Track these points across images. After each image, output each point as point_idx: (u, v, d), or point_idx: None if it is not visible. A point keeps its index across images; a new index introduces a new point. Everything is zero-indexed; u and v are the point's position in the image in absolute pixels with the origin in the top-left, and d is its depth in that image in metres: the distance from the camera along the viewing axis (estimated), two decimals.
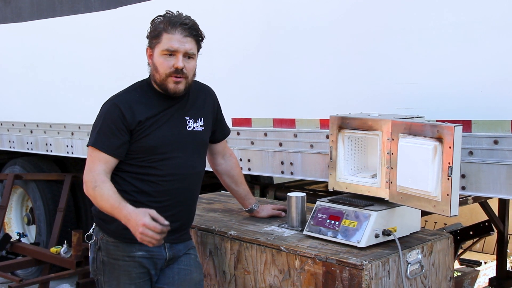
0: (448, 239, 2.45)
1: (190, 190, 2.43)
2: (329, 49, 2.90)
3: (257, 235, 2.51)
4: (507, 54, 2.32)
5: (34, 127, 4.94)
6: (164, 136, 2.33)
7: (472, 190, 2.43)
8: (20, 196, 5.79)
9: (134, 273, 2.34)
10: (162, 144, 2.32)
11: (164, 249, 2.40)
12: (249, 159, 3.34)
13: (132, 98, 2.33)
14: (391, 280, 2.19)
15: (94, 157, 2.29)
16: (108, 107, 2.33)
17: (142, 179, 2.32)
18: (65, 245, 4.72)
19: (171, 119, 2.36)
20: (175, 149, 2.35)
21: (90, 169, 2.27)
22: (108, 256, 2.35)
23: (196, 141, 2.43)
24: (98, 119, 2.34)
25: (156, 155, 2.32)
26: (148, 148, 2.31)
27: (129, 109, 2.29)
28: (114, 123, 2.28)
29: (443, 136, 2.07)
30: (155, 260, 2.39)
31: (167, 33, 2.26)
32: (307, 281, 2.27)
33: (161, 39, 2.27)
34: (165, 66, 2.27)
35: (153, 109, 2.33)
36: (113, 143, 2.28)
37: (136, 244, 2.30)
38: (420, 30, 2.55)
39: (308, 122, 3.03)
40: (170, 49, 2.26)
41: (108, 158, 2.28)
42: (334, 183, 2.52)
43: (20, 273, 5.32)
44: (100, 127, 2.31)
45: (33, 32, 4.76)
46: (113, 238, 2.34)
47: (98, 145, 2.28)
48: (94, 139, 2.31)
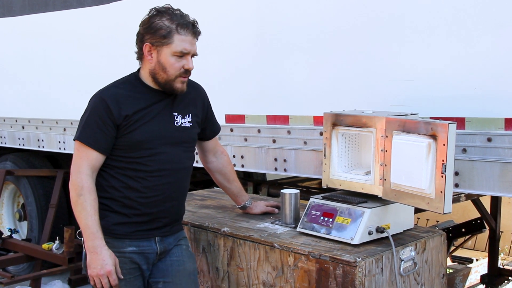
0: (441, 236, 2.45)
1: (179, 185, 2.43)
2: (323, 46, 2.90)
3: (250, 232, 2.50)
4: (501, 52, 2.33)
5: (26, 122, 4.91)
6: (152, 131, 2.32)
7: (466, 188, 2.44)
8: (11, 192, 5.75)
9: (124, 269, 2.33)
10: (149, 139, 2.31)
11: (155, 242, 2.40)
12: (243, 156, 3.34)
13: (119, 92, 2.32)
14: (384, 277, 2.19)
15: (82, 152, 2.28)
16: (95, 101, 2.31)
17: (130, 175, 2.32)
18: (57, 241, 4.70)
19: (159, 114, 2.35)
20: (163, 144, 2.35)
21: (78, 168, 2.26)
22: None
23: (184, 136, 2.42)
24: (85, 113, 2.33)
25: (144, 150, 2.31)
26: (135, 143, 2.30)
27: (116, 103, 2.27)
28: (101, 118, 2.27)
29: (437, 134, 2.07)
30: (146, 255, 2.38)
31: (179, 34, 2.25)
32: (301, 278, 2.27)
33: (172, 40, 2.25)
34: (176, 67, 2.28)
35: (141, 103, 2.32)
36: (99, 138, 2.27)
37: (126, 239, 2.33)
38: (415, 27, 2.55)
39: (301, 119, 3.03)
40: (184, 52, 2.27)
41: (94, 155, 2.27)
42: (327, 180, 2.51)
43: (12, 269, 5.30)
44: (86, 121, 2.30)
45: (25, 27, 4.72)
46: (103, 234, 2.32)
47: (84, 140, 2.28)
48: (80, 133, 2.30)
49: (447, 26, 2.45)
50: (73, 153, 2.32)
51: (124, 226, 2.34)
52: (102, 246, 2.23)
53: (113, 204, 2.33)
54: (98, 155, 2.28)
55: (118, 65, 3.90)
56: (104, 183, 2.32)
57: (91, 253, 2.23)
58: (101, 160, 2.30)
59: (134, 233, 2.35)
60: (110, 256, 2.24)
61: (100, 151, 2.28)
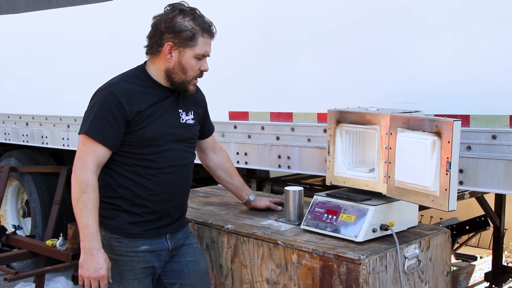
0: (445, 234, 2.44)
1: (185, 181, 2.44)
2: (327, 43, 2.89)
3: (254, 229, 2.50)
4: (506, 49, 2.31)
5: (29, 119, 4.91)
6: (161, 127, 2.31)
7: (470, 185, 2.43)
8: (15, 188, 5.76)
9: (138, 269, 2.33)
10: (159, 136, 2.30)
11: (166, 240, 2.40)
12: (246, 153, 3.33)
13: (129, 87, 2.27)
14: (388, 275, 2.18)
15: (88, 147, 2.23)
16: (105, 95, 2.25)
17: (140, 173, 2.29)
18: (60, 238, 4.70)
19: (166, 111, 2.34)
20: (170, 140, 2.34)
21: (84, 164, 2.21)
22: (111, 252, 2.31)
23: (188, 133, 2.43)
24: (92, 107, 2.27)
25: (154, 147, 2.30)
26: (146, 140, 2.28)
27: (127, 99, 2.23)
28: (111, 113, 2.22)
29: (442, 131, 2.06)
30: (159, 253, 2.38)
31: (203, 37, 2.27)
32: (304, 275, 2.27)
33: (197, 42, 2.26)
34: (195, 69, 2.30)
35: (151, 99, 2.30)
36: (108, 134, 2.22)
37: (139, 238, 2.32)
38: (419, 24, 2.54)
39: (305, 116, 3.02)
40: (205, 54, 2.31)
41: (102, 150, 2.23)
42: (331, 177, 2.51)
43: (16, 266, 5.31)
44: (94, 115, 2.23)
45: (29, 24, 4.72)
46: (117, 234, 2.32)
47: (92, 134, 2.22)
48: (87, 127, 2.23)
49: (452, 23, 2.44)
50: (77, 148, 2.28)
51: (136, 225, 2.32)
52: (98, 248, 2.18)
53: (124, 204, 2.31)
54: (106, 151, 2.25)
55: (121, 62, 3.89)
56: (113, 182, 2.30)
57: (86, 254, 2.18)
58: (107, 156, 2.26)
59: (146, 232, 2.34)
60: (105, 260, 2.19)
61: (108, 147, 2.24)
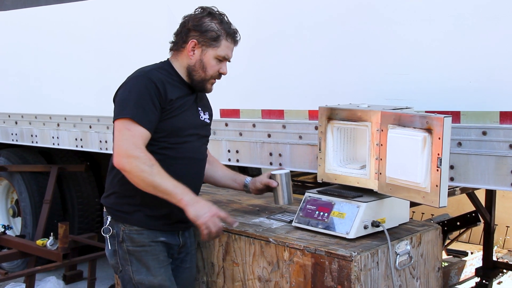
0: (436, 230, 2.45)
1: (199, 176, 2.51)
2: (318, 39, 2.88)
3: (245, 227, 2.50)
4: (496, 45, 2.32)
5: (19, 118, 4.88)
6: (188, 119, 2.39)
7: (461, 181, 2.43)
8: (5, 188, 5.72)
9: (162, 256, 2.39)
10: (186, 127, 2.37)
11: (178, 236, 2.46)
12: (237, 151, 3.33)
13: (162, 77, 2.33)
14: (380, 271, 2.19)
15: (135, 131, 2.20)
16: (143, 80, 2.27)
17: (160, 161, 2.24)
18: (51, 238, 4.68)
19: (191, 106, 2.43)
20: (193, 134, 2.42)
21: (135, 144, 2.19)
22: (133, 245, 2.35)
23: (205, 131, 2.52)
24: (131, 91, 2.26)
25: (178, 137, 2.35)
26: (174, 129, 2.33)
27: (162, 86, 2.29)
28: (151, 98, 2.24)
29: (433, 127, 2.07)
30: (172, 246, 2.44)
31: (226, 41, 2.38)
32: (296, 272, 2.26)
33: (220, 44, 2.37)
34: (215, 69, 2.39)
35: (180, 92, 2.37)
36: (151, 118, 2.24)
37: (157, 230, 2.38)
38: (410, 21, 2.54)
39: (296, 113, 3.02)
40: (226, 57, 2.41)
41: (146, 134, 2.23)
42: (323, 174, 2.51)
43: (6, 266, 5.28)
44: (137, 100, 2.23)
45: (17, 21, 4.68)
46: (137, 226, 2.35)
47: (137, 118, 2.20)
48: (132, 111, 2.21)
49: (442, 20, 2.44)
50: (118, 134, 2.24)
51: (155, 219, 2.36)
52: (198, 197, 2.25)
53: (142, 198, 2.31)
54: (148, 136, 2.25)
55: (112, 61, 3.88)
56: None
57: (194, 204, 2.18)
58: (147, 141, 2.25)
59: (163, 225, 2.39)
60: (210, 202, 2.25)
61: (150, 131, 2.25)
